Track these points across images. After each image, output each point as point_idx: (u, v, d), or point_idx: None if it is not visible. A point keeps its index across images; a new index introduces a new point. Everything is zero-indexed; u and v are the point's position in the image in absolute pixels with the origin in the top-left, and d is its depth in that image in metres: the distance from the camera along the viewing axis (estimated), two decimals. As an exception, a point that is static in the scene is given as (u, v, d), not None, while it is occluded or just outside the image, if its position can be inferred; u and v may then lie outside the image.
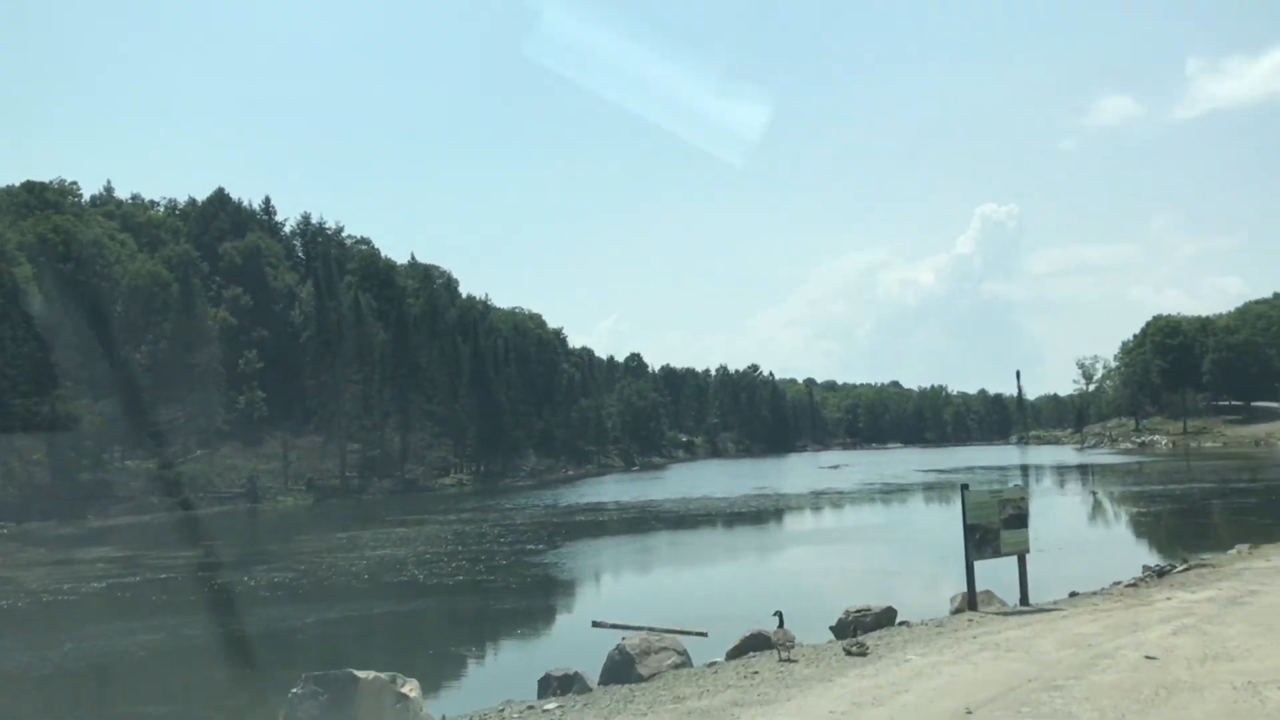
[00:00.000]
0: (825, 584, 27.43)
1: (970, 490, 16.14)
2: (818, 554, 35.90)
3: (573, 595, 28.77)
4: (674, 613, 23.24)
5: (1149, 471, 77.43)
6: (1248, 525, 36.44)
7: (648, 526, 48.88)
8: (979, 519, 16.05)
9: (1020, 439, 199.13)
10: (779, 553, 37.31)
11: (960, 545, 16.38)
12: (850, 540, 40.88)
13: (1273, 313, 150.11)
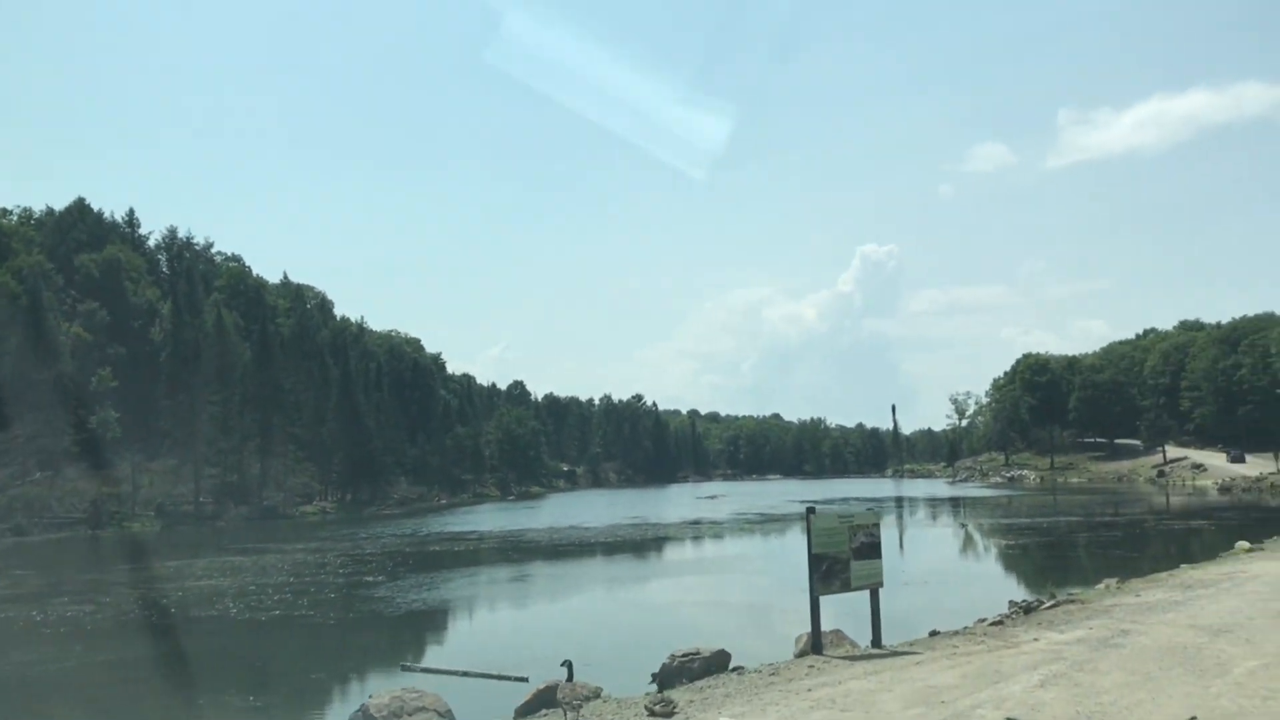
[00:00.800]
0: (669, 621, 25.12)
1: (817, 514, 13.99)
2: (673, 587, 33.67)
3: (394, 634, 25.78)
4: (502, 653, 20.70)
5: (1017, 505, 77.92)
6: (1113, 559, 35.64)
7: (505, 557, 46.00)
8: (827, 547, 13.92)
9: (895, 472, 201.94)
10: (633, 586, 34.88)
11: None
12: (712, 572, 38.84)
13: (1135, 353, 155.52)
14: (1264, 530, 40.10)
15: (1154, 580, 22.33)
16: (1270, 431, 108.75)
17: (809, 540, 13.81)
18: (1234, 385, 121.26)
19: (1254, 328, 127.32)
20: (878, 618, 14.55)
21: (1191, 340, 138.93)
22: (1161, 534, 47.85)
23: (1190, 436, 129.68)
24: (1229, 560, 25.83)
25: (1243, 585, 19.88)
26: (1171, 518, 57.70)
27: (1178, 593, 19.38)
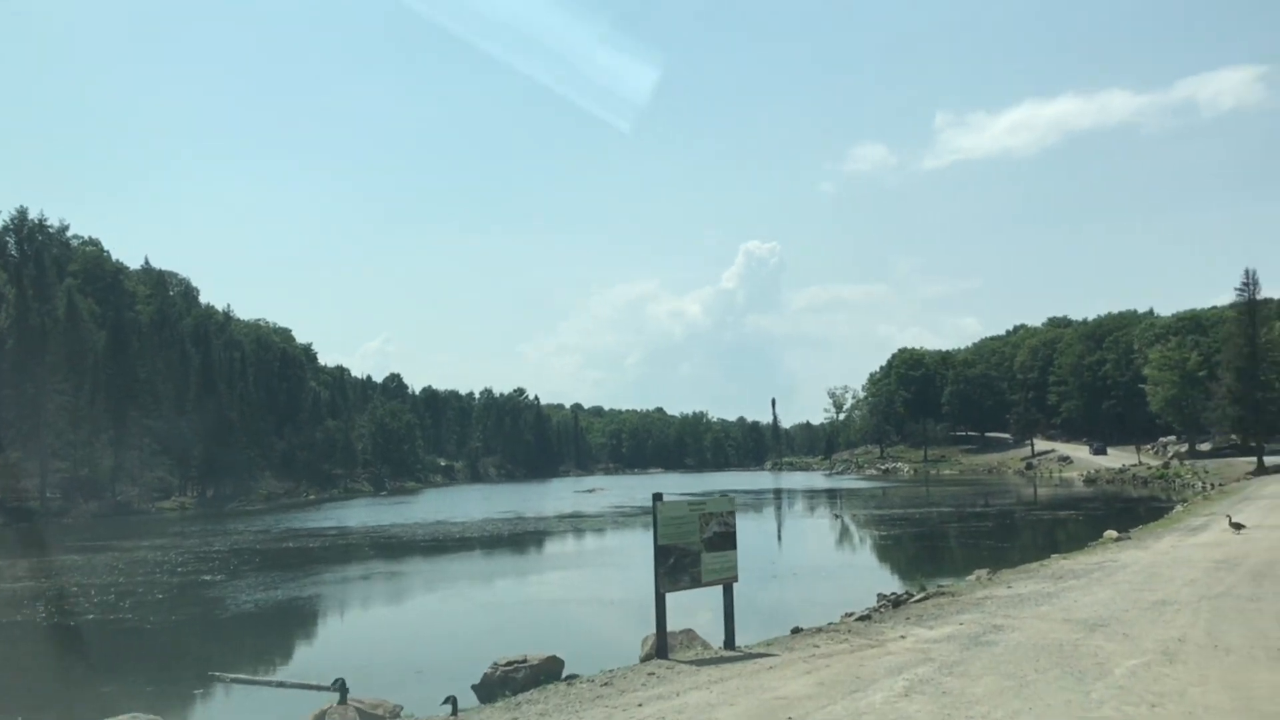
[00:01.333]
0: (513, 622, 23.22)
1: (665, 501, 12.36)
2: (530, 584, 31.91)
3: (214, 638, 23.31)
4: (325, 659, 18.57)
5: (891, 497, 78.50)
6: (984, 550, 35.24)
7: (358, 555, 43.46)
8: (675, 538, 12.30)
9: (774, 465, 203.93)
10: (485, 584, 32.82)
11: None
12: (576, 567, 37.24)
13: (1006, 349, 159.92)
14: (1128, 520, 40.50)
15: (1025, 571, 21.54)
16: (1132, 425, 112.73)
17: (655, 531, 12.17)
18: (1099, 380, 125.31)
19: (1117, 325, 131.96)
20: (731, 616, 13.03)
21: (1059, 336, 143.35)
22: (1031, 524, 48.16)
23: (1057, 430, 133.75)
24: (1098, 549, 25.36)
25: (1114, 575, 19.12)
26: (1040, 508, 58.50)
27: (1049, 583, 18.49)
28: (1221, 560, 20.20)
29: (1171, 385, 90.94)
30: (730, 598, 12.97)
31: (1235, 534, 25.39)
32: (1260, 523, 29.10)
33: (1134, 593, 16.19)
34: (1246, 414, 61.51)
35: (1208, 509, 37.59)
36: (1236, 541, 23.78)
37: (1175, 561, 20.70)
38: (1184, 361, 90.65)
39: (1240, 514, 32.96)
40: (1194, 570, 18.89)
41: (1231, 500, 40.35)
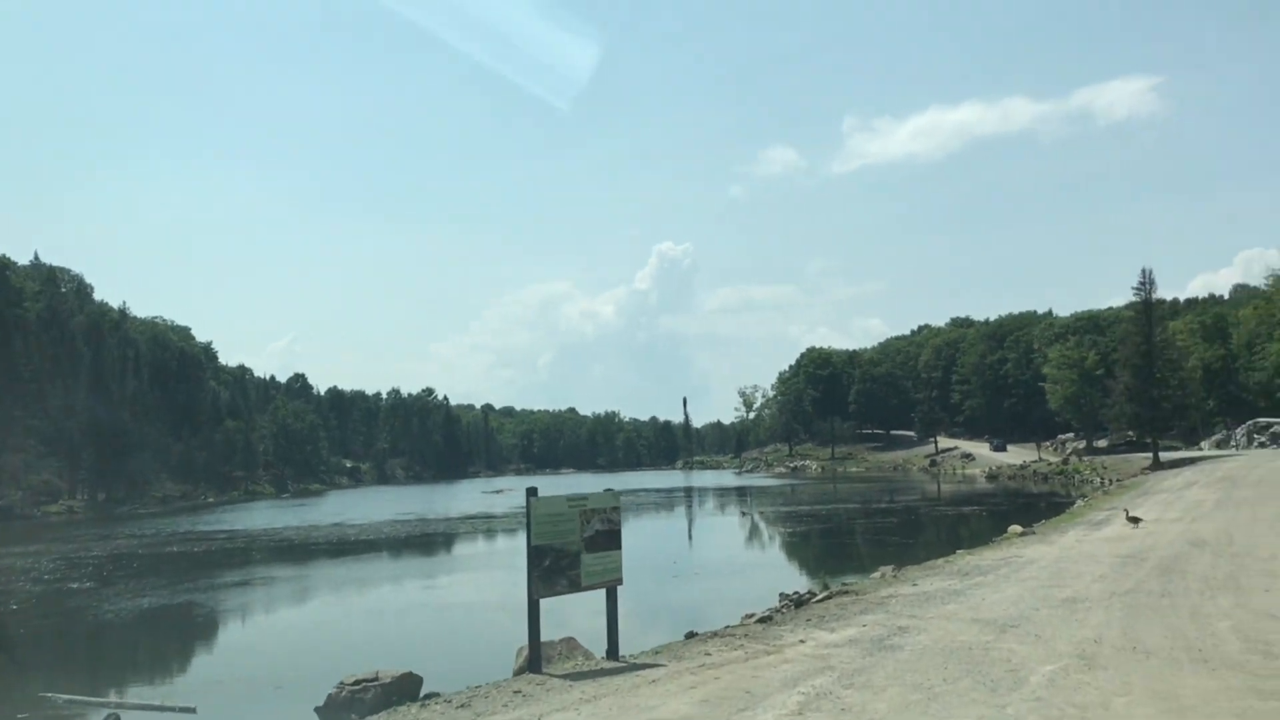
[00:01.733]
0: (382, 632, 21.58)
1: (540, 497, 11.10)
2: (417, 589, 30.20)
3: (60, 653, 21.26)
4: (182, 675, 16.85)
5: (799, 494, 78.42)
6: (889, 546, 34.76)
7: (245, 559, 41.22)
8: (551, 537, 11.05)
9: (685, 464, 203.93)
10: (372, 589, 30.89)
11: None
12: (471, 569, 35.75)
13: (911, 348, 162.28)
14: (1030, 515, 40.46)
15: (931, 568, 20.82)
16: (1032, 422, 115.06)
17: (528, 530, 10.89)
18: (1000, 379, 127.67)
19: (1018, 325, 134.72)
20: (615, 624, 11.82)
21: (962, 336, 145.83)
22: (935, 520, 48.10)
23: (960, 427, 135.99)
24: (1003, 545, 24.86)
25: (1021, 571, 18.46)
26: (944, 504, 58.72)
27: (956, 580, 17.73)
28: (1128, 555, 19.73)
29: (1070, 384, 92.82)
30: (614, 603, 11.77)
31: (1134, 528, 25.16)
32: (1160, 516, 29.03)
33: (1043, 589, 15.47)
34: (1143, 411, 62.60)
35: (1108, 504, 37.74)
36: (1140, 536, 23.46)
37: (1082, 556, 20.18)
38: (1082, 360, 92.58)
39: (1140, 508, 32.99)
40: (1101, 565, 18.33)
41: (1131, 495, 40.68)
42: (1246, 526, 24.11)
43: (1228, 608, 12.72)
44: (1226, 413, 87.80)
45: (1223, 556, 18.50)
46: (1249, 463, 50.17)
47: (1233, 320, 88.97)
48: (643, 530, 49.46)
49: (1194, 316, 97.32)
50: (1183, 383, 65.53)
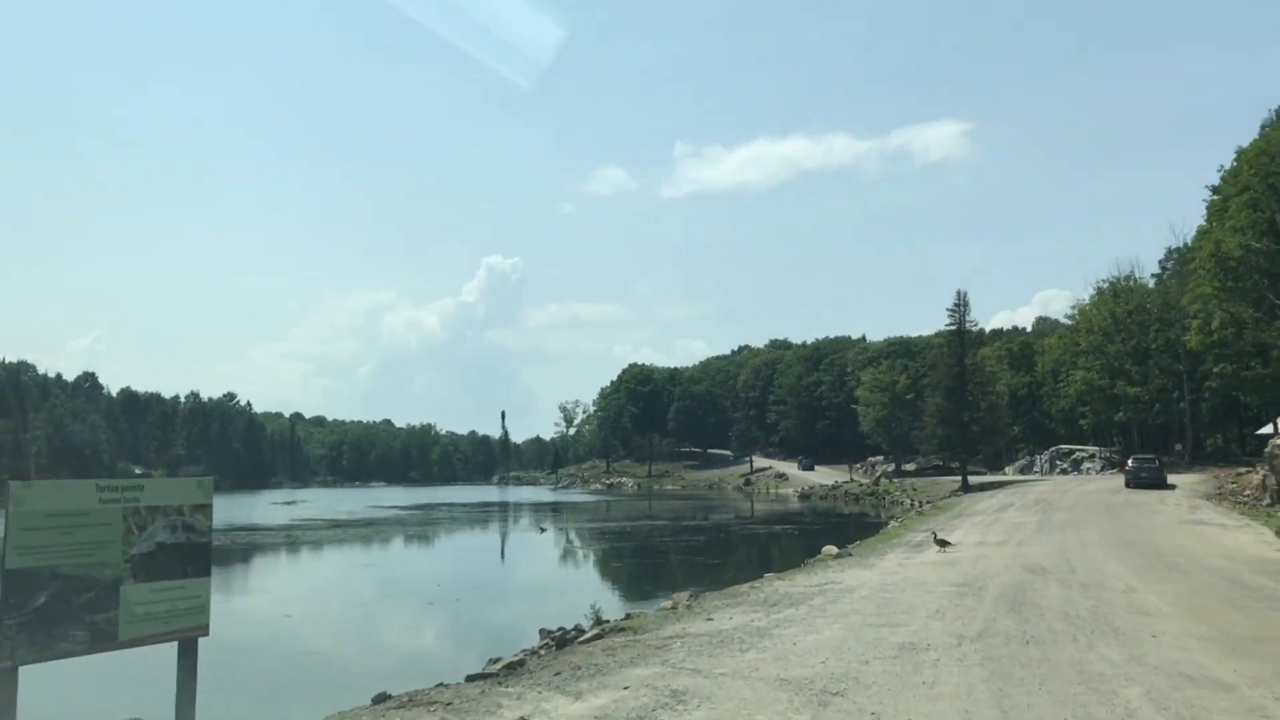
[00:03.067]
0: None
1: (32, 485, 6.39)
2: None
3: None
4: None
5: (613, 510, 74.87)
6: (694, 567, 31.32)
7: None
8: (53, 556, 6.40)
9: (501, 479, 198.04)
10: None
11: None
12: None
13: (731, 368, 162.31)
14: (841, 535, 37.89)
15: (733, 595, 17.05)
16: (844, 444, 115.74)
17: (3, 542, 6.21)
18: (815, 400, 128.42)
19: (834, 348, 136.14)
20: (191, 701, 7.18)
21: (780, 358, 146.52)
22: (746, 539, 45.13)
23: (775, 447, 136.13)
24: (818, 568, 21.44)
25: (839, 602, 14.88)
26: (756, 523, 56.13)
27: (761, 614, 13.97)
28: (961, 583, 16.50)
29: (881, 406, 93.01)
30: (190, 666, 7.10)
31: (943, 552, 22.43)
32: (983, 539, 26.46)
33: (871, 630, 11.81)
34: (953, 433, 61.91)
35: (923, 525, 35.41)
36: (969, 560, 20.47)
37: (908, 584, 16.83)
38: (893, 384, 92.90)
39: (957, 530, 30.63)
40: (934, 596, 14.95)
41: (947, 516, 38.63)
42: (1080, 551, 21.54)
43: (1121, 663, 9.30)
44: (1030, 439, 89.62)
45: (1072, 587, 15.45)
46: (1057, 487, 49.48)
47: (1038, 349, 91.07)
48: (425, 549, 44.53)
49: (1001, 344, 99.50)
50: (992, 406, 65.45)
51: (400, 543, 46.58)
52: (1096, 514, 33.28)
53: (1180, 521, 30.04)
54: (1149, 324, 65.93)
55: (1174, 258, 73.32)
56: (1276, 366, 40.00)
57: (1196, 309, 47.87)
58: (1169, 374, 64.19)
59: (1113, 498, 39.54)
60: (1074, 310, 78.42)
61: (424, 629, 19.77)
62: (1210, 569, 17.66)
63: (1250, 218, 40.98)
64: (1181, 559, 19.45)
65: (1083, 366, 70.20)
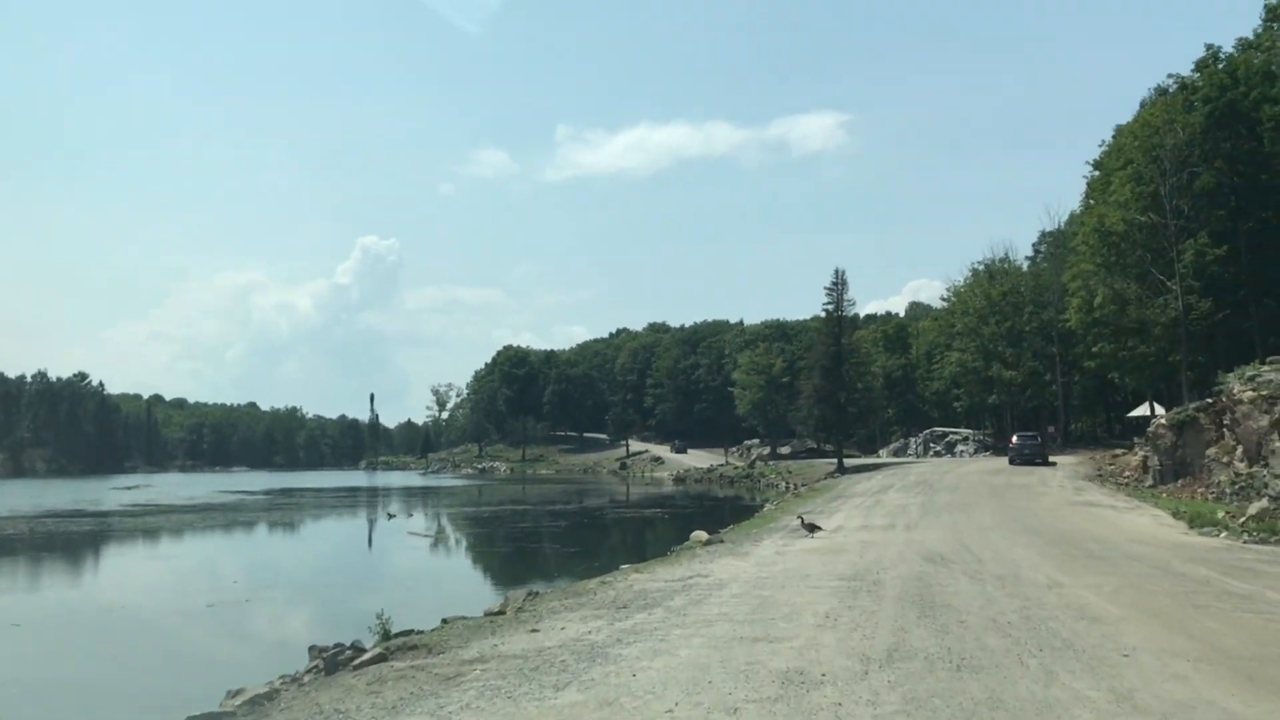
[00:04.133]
0: None
1: None
2: None
3: None
4: None
5: (480, 495, 71.07)
6: (551, 556, 28.06)
7: None
8: None
9: (369, 464, 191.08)
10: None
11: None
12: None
13: (608, 350, 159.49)
14: (715, 519, 35.26)
15: (576, 595, 13.79)
16: (721, 427, 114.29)
17: None
18: (692, 384, 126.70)
19: (712, 331, 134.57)
20: None
21: (658, 341, 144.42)
22: (614, 524, 42.13)
23: (652, 431, 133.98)
24: (684, 558, 18.34)
25: (705, 603, 11.78)
26: (627, 507, 53.21)
27: (604, 621, 10.77)
28: (851, 575, 13.62)
29: (758, 389, 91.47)
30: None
31: (812, 536, 19.80)
32: (867, 523, 23.90)
33: (743, 647, 8.69)
34: (830, 413, 60.20)
35: (801, 507, 32.93)
36: (857, 547, 17.71)
37: (789, 577, 13.87)
38: (770, 367, 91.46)
39: (839, 513, 28.15)
40: (821, 594, 11.97)
41: (824, 498, 36.29)
42: (978, 536, 19.05)
43: (1106, 705, 6.35)
44: (904, 422, 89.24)
45: (985, 581, 12.69)
46: (935, 468, 47.91)
47: (913, 332, 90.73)
48: (249, 538, 39.98)
49: (876, 328, 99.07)
50: (868, 387, 64.15)
51: (223, 531, 41.86)
52: (982, 495, 31.30)
53: (1070, 503, 28.20)
54: (1023, 306, 65.41)
55: (1047, 241, 73.18)
56: (1159, 344, 38.96)
57: (1077, 286, 46.79)
58: (1042, 357, 63.73)
59: (994, 479, 37.84)
60: (949, 292, 77.82)
61: (176, 643, 15.88)
62: (1132, 556, 15.23)
63: (1134, 191, 39.77)
64: (1093, 544, 17.07)
65: (957, 348, 69.40)
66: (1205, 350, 40.24)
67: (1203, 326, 37.28)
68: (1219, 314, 36.54)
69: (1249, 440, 27.47)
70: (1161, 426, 34.23)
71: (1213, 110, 37.12)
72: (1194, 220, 38.41)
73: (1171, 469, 33.45)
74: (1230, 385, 29.97)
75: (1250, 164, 37.82)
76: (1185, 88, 39.73)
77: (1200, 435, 33.30)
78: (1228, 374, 31.60)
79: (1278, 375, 28.03)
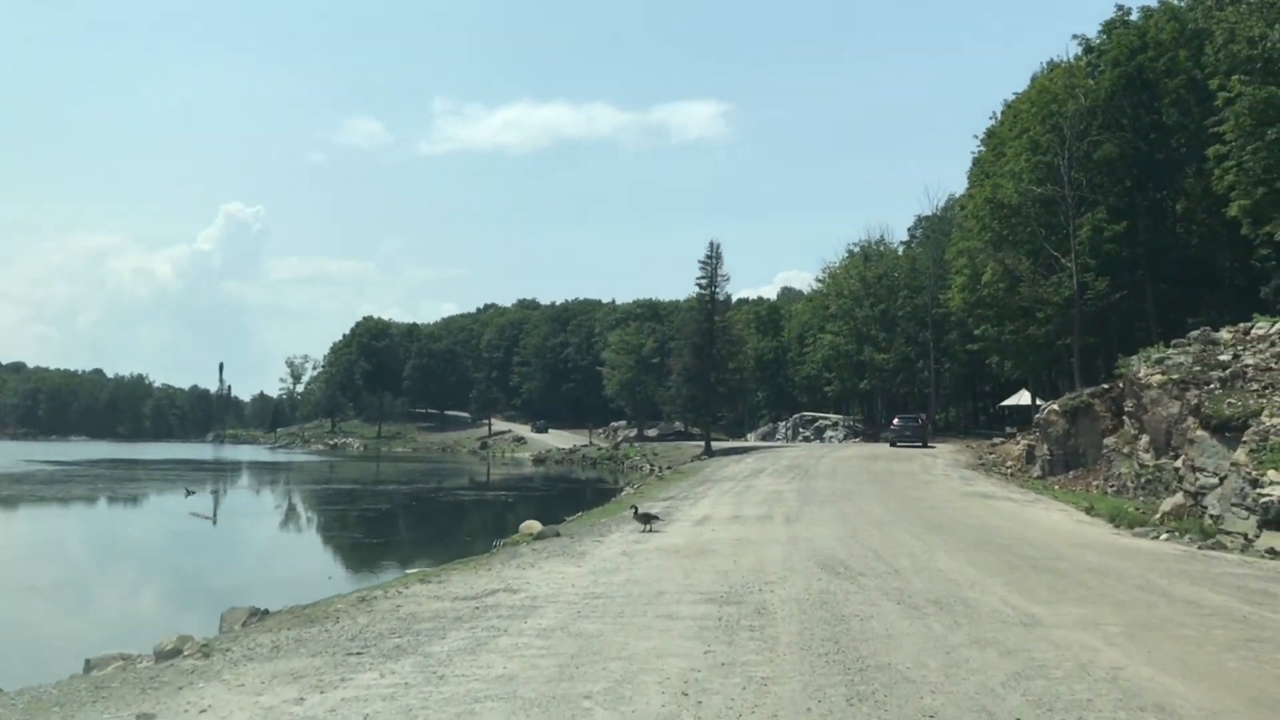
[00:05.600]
0: None
1: None
2: None
3: None
4: None
5: (314, 472, 65.13)
6: (345, 550, 23.27)
7: None
8: None
9: (217, 437, 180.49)
10: None
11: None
12: None
13: (475, 326, 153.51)
14: (563, 505, 30.97)
15: (313, 620, 9.13)
16: (589, 408, 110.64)
17: None
18: (561, 362, 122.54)
19: (583, 309, 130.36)
20: None
21: (527, 318, 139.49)
22: (447, 508, 37.33)
23: (518, 410, 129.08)
24: (500, 558, 13.75)
25: (486, 651, 7.35)
26: (472, 489, 48.50)
27: (307, 684, 6.19)
28: (723, 596, 9.39)
29: (627, 369, 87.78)
30: None
31: (648, 531, 15.72)
32: (738, 512, 19.90)
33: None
34: (699, 393, 56.67)
35: (663, 492, 28.92)
36: (727, 545, 13.55)
37: (633, 597, 9.55)
38: (640, 346, 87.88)
39: (704, 500, 24.17)
40: (676, 635, 7.68)
41: (689, 482, 32.34)
42: (877, 534, 15.15)
43: None
44: (773, 406, 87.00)
45: (923, 611, 8.56)
46: (808, 452, 44.63)
47: (786, 314, 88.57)
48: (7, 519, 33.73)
49: (750, 309, 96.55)
50: (740, 367, 60.99)
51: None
52: (863, 482, 27.77)
53: (962, 494, 24.83)
54: (897, 289, 63.39)
55: (924, 225, 71.41)
56: (1050, 325, 36.33)
57: (962, 264, 44.09)
58: (915, 343, 61.81)
59: (873, 464, 34.51)
60: (824, 273, 75.46)
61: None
62: (1089, 567, 11.42)
63: (1029, 161, 37.01)
64: (1026, 548, 13.31)
65: (831, 330, 67.11)
66: (1097, 333, 37.83)
67: (1097, 307, 34.71)
68: (1116, 294, 33.96)
69: (1157, 429, 24.43)
70: (1054, 413, 31.31)
71: (1121, 74, 34.44)
72: (1093, 193, 35.87)
73: (1063, 459, 30.62)
74: (1134, 368, 27.17)
75: (1151, 137, 35.41)
76: (1090, 50, 37.00)
77: (1095, 423, 30.52)
78: (1129, 357, 29.02)
79: (1188, 358, 24.99)
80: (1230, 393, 21.33)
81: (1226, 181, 26.34)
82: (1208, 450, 20.27)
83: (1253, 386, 21.24)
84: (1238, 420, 19.80)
